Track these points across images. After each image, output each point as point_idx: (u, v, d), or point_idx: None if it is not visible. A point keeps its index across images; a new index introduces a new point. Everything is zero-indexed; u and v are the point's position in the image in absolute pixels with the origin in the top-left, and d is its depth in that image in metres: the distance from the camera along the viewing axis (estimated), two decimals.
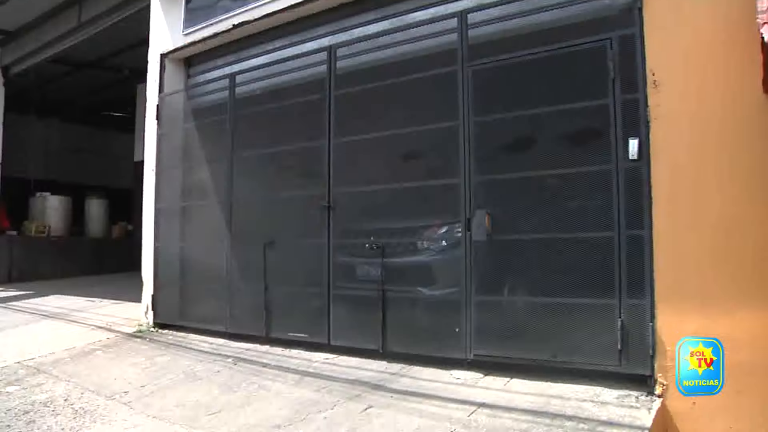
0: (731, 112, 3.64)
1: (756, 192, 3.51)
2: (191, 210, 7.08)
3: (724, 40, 3.68)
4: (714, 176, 3.68)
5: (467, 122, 4.67)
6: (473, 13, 4.84)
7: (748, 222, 3.54)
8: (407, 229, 5.24)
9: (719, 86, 3.68)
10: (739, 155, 3.59)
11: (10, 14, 10.54)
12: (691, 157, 3.76)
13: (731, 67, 3.63)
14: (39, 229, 13.09)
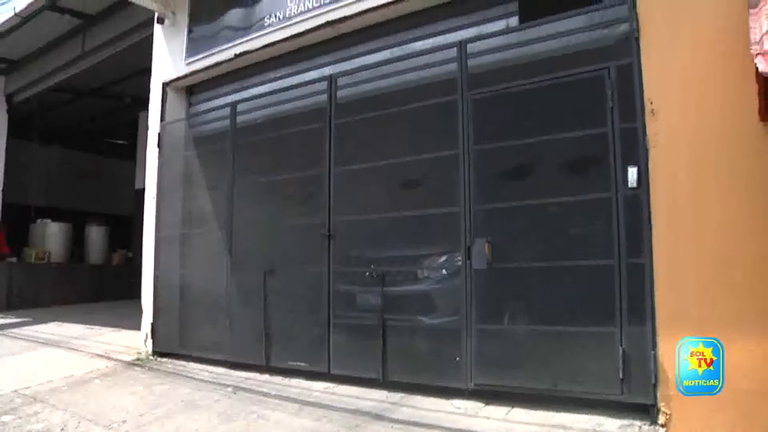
0: (729, 141, 3.66)
1: (756, 219, 3.52)
2: (191, 237, 7.08)
3: (720, 70, 3.71)
4: (713, 204, 3.69)
5: (467, 151, 4.70)
6: (473, 43, 4.90)
7: (748, 249, 3.53)
8: (407, 257, 5.24)
9: (716, 115, 3.71)
10: (737, 183, 3.61)
11: (15, 44, 10.66)
12: (690, 185, 3.77)
13: (728, 96, 3.66)
14: (39, 255, 13.07)
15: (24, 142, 13.70)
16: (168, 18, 7.42)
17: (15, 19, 9.66)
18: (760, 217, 3.50)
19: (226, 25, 6.77)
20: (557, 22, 4.51)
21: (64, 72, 10.68)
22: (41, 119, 13.95)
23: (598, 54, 4.32)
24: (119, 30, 9.16)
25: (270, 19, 6.22)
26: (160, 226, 7.24)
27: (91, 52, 9.91)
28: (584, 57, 4.36)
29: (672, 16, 3.93)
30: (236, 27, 6.64)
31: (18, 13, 9.52)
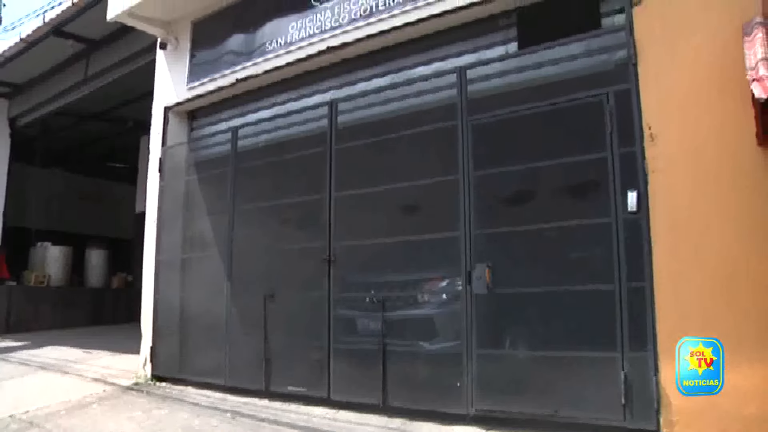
0: (727, 164, 3.68)
1: (756, 242, 3.53)
2: (192, 261, 7.08)
3: (717, 94, 3.75)
4: (713, 228, 3.70)
5: (467, 176, 4.72)
6: (473, 69, 4.95)
7: (749, 273, 3.53)
8: (408, 282, 5.24)
9: (714, 139, 3.74)
10: (736, 207, 3.63)
11: (20, 68, 10.79)
12: (690, 209, 3.78)
13: (725, 121, 3.70)
14: (38, 278, 13.04)
15: (26, 165, 13.75)
16: (171, 43, 7.50)
17: (20, 44, 9.82)
18: (760, 240, 3.51)
19: (228, 50, 6.83)
20: (556, 48, 4.56)
21: (67, 96, 10.80)
22: (43, 142, 14.03)
23: (596, 79, 4.36)
24: (122, 55, 9.27)
25: (272, 45, 6.28)
26: (160, 249, 7.23)
27: (95, 76, 10.03)
28: (583, 82, 4.40)
29: (669, 43, 3.98)
30: (238, 52, 6.71)
31: (23, 39, 9.68)
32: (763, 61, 3.19)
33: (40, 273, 13.13)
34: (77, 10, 8.71)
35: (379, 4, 5.43)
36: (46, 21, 9.12)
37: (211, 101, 7.20)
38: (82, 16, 8.83)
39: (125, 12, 7.12)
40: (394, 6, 5.33)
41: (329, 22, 5.79)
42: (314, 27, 5.91)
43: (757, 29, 3.45)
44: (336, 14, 5.75)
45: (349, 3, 5.67)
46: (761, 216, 3.52)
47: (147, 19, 7.37)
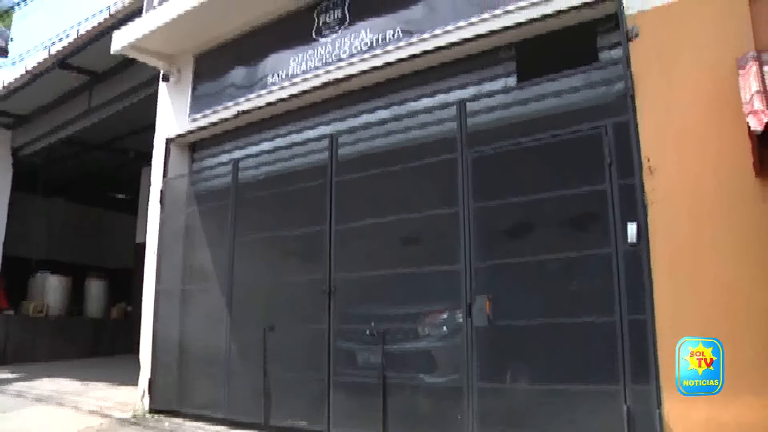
0: (726, 196, 3.69)
1: (755, 272, 3.52)
2: (191, 293, 7.06)
3: (714, 126, 3.78)
4: (713, 258, 3.69)
5: (467, 208, 4.73)
6: (472, 102, 5.00)
7: (749, 304, 3.52)
8: (408, 314, 5.22)
9: (712, 170, 3.76)
10: (735, 236, 3.63)
11: (24, 99, 10.91)
12: (690, 240, 3.78)
13: (723, 153, 3.72)
14: (37, 308, 12.96)
15: (27, 194, 13.79)
16: (173, 76, 7.58)
17: (25, 76, 9.95)
18: (759, 270, 3.51)
19: (230, 83, 6.90)
20: (555, 81, 4.61)
21: (70, 127, 10.89)
22: (45, 172, 14.10)
23: (595, 112, 4.40)
24: (125, 87, 9.37)
25: (273, 78, 6.34)
26: (160, 280, 7.21)
27: (98, 107, 10.12)
28: (582, 115, 4.43)
29: (666, 76, 4.02)
30: (239, 85, 6.78)
31: (29, 71, 9.80)
32: (757, 94, 3.23)
33: (39, 303, 13.07)
34: (82, 43, 8.85)
35: (380, 39, 5.51)
36: (52, 53, 9.25)
37: (212, 133, 7.25)
38: (87, 49, 8.96)
39: (129, 45, 7.20)
40: (394, 40, 5.41)
41: (330, 55, 5.87)
42: (315, 60, 5.99)
43: (751, 63, 3.51)
44: (337, 48, 5.83)
45: (349, 37, 5.75)
46: (760, 246, 3.52)
47: (150, 52, 7.45)
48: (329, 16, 6.00)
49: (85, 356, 12.57)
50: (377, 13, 5.63)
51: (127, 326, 12.63)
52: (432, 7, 5.27)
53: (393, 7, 5.52)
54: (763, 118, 3.04)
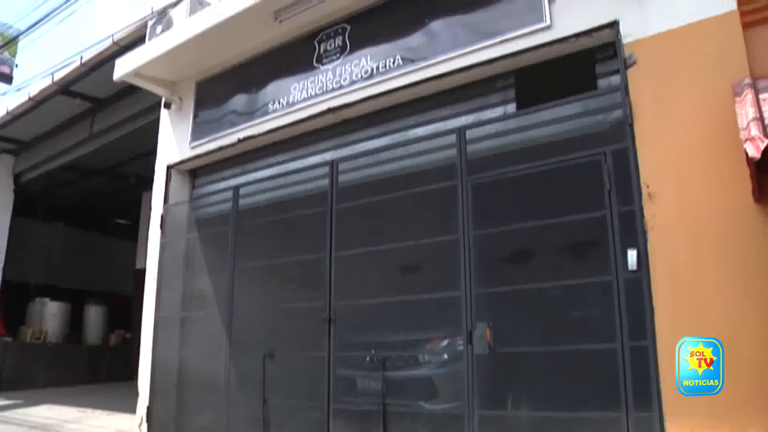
0: (725, 221, 3.70)
1: (755, 298, 3.51)
2: (191, 319, 7.02)
3: (712, 153, 3.80)
4: (713, 284, 3.69)
5: (467, 235, 4.73)
6: (471, 130, 5.03)
7: (748, 330, 3.50)
8: (408, 342, 5.21)
9: (711, 196, 3.78)
10: (736, 263, 3.63)
11: (27, 126, 11.00)
12: (690, 267, 3.78)
13: (722, 179, 3.74)
14: (35, 335, 12.89)
15: (27, 219, 13.81)
16: (175, 103, 7.62)
17: (28, 102, 10.04)
18: (759, 296, 3.50)
19: (231, 110, 6.94)
20: (554, 108, 4.64)
21: (72, 153, 10.95)
22: (46, 198, 14.13)
23: (594, 139, 4.42)
24: (127, 113, 9.43)
25: (274, 105, 6.39)
26: (159, 307, 7.17)
27: (99, 134, 10.19)
28: (581, 142, 4.46)
29: (664, 103, 4.06)
30: (240, 112, 6.82)
31: (32, 98, 9.90)
32: (754, 121, 3.25)
33: (37, 329, 12.99)
34: (85, 70, 8.95)
35: (380, 66, 5.56)
36: (55, 80, 9.35)
37: (213, 160, 7.28)
38: (90, 76, 9.05)
39: (132, 72, 7.25)
40: (395, 68, 5.46)
41: (331, 83, 5.91)
42: (316, 88, 6.03)
43: (746, 90, 3.54)
44: (337, 75, 5.88)
45: (350, 65, 5.81)
46: (760, 272, 3.51)
47: (152, 79, 7.50)
48: (330, 44, 6.06)
49: (83, 383, 12.46)
50: (377, 41, 5.69)
51: (125, 353, 12.55)
52: (432, 35, 5.33)
53: (393, 35, 5.58)
54: (761, 144, 3.06)
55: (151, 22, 7.52)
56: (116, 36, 8.34)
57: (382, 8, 5.77)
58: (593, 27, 4.47)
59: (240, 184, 6.73)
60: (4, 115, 10.58)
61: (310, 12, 6.00)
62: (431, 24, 5.36)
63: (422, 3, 5.49)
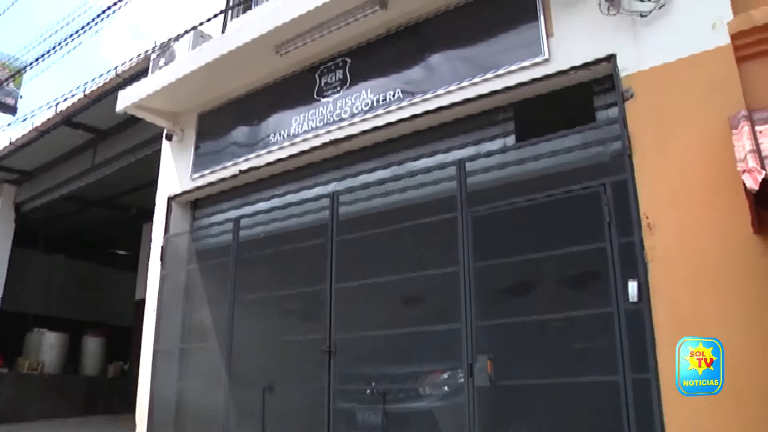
0: (725, 253, 3.71)
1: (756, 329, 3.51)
2: (190, 351, 6.98)
3: (710, 184, 3.83)
4: (714, 315, 3.68)
5: (467, 267, 4.73)
6: (471, 162, 5.07)
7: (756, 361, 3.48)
8: (409, 374, 5.17)
9: (711, 227, 3.79)
10: (736, 293, 3.63)
11: (29, 156, 11.08)
12: (691, 297, 3.77)
13: (721, 210, 3.76)
14: (32, 366, 12.76)
15: (27, 250, 13.78)
16: (176, 135, 7.67)
17: (32, 133, 10.14)
18: (760, 327, 3.49)
19: (232, 141, 7.00)
20: (553, 140, 4.67)
21: (73, 183, 11.01)
22: (47, 228, 14.14)
23: (593, 170, 4.45)
24: (129, 145, 9.52)
25: (275, 137, 6.44)
26: (159, 338, 7.13)
27: (101, 164, 10.26)
28: (580, 174, 4.49)
29: (661, 135, 4.10)
30: (242, 144, 6.87)
31: (35, 128, 10.00)
32: (751, 153, 3.28)
33: (34, 360, 12.87)
34: (89, 102, 9.04)
35: (380, 99, 5.63)
36: (58, 111, 9.44)
37: (214, 191, 7.31)
38: (93, 107, 9.14)
39: (134, 104, 7.33)
40: (395, 101, 5.52)
41: (331, 115, 5.97)
42: (317, 120, 6.09)
43: (743, 122, 3.57)
44: (338, 108, 5.94)
45: (350, 97, 5.87)
46: (761, 303, 3.51)
47: (155, 111, 7.58)
48: (331, 77, 6.14)
49: (79, 415, 12.30)
50: (377, 74, 5.77)
51: (123, 384, 12.40)
52: (431, 69, 5.41)
53: (393, 69, 5.66)
54: (758, 176, 3.08)
55: (154, 55, 7.61)
56: (119, 68, 8.44)
57: (382, 42, 5.85)
58: (591, 60, 4.53)
59: (241, 216, 6.76)
60: (8, 146, 10.68)
61: (311, 45, 6.08)
62: (431, 57, 5.44)
63: (422, 37, 5.58)
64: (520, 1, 4.99)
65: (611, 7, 4.45)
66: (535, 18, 4.85)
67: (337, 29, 5.81)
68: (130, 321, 13.05)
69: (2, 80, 14.13)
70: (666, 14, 4.24)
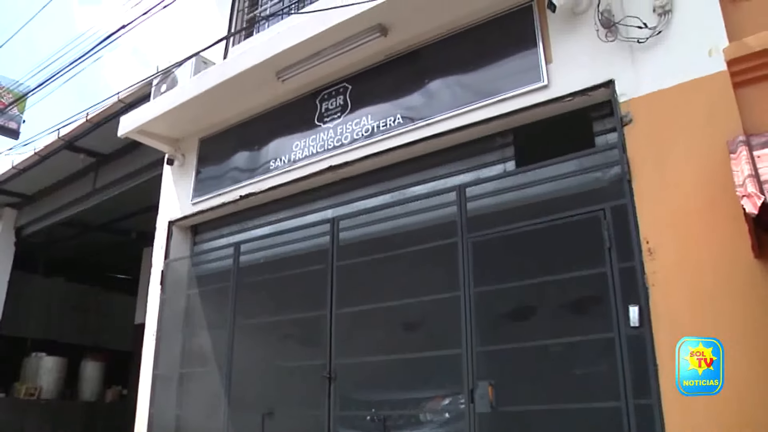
0: (726, 277, 3.71)
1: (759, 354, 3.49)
2: (189, 377, 6.92)
3: (710, 208, 3.84)
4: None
5: (468, 293, 4.72)
6: (471, 187, 5.09)
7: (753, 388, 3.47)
8: (409, 400, 5.12)
9: (712, 253, 3.79)
10: (737, 318, 3.62)
11: (31, 180, 11.14)
12: (692, 322, 3.75)
13: (721, 235, 3.76)
14: (29, 391, 12.65)
15: (27, 273, 13.76)
16: (177, 160, 7.71)
17: (34, 157, 10.20)
18: (763, 350, 3.48)
19: (233, 167, 7.02)
20: (552, 166, 4.70)
21: (74, 207, 11.03)
22: (47, 251, 14.13)
23: (593, 195, 4.47)
24: (130, 169, 9.56)
25: (275, 163, 6.46)
26: (158, 363, 7.09)
27: (102, 189, 10.29)
28: (580, 199, 4.50)
29: (661, 159, 4.12)
30: (242, 169, 6.89)
31: (37, 152, 10.06)
32: (750, 178, 3.28)
33: (31, 385, 12.77)
34: (91, 126, 9.11)
35: (380, 125, 5.66)
36: (61, 136, 9.50)
37: (214, 216, 7.32)
38: (95, 132, 9.20)
39: (136, 129, 7.37)
40: (395, 127, 5.55)
41: (332, 141, 6.00)
42: (317, 146, 6.12)
43: (741, 147, 3.60)
44: (338, 134, 5.97)
45: (351, 123, 5.91)
46: (762, 328, 3.50)
47: (156, 136, 7.62)
48: (331, 103, 6.18)
49: None
50: (378, 100, 5.81)
51: (122, 410, 12.26)
52: (431, 95, 5.45)
53: (393, 95, 5.71)
54: (757, 201, 3.08)
55: (156, 80, 7.67)
56: (122, 94, 8.51)
57: (382, 68, 5.91)
58: (589, 86, 4.58)
59: (241, 241, 6.76)
60: (9, 170, 10.73)
61: (312, 72, 6.14)
62: (431, 84, 5.49)
63: (422, 63, 5.64)
64: (519, 28, 5.04)
65: (609, 34, 4.51)
66: (534, 44, 4.91)
67: (337, 56, 5.88)
68: (129, 345, 12.96)
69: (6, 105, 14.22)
70: (663, 41, 4.29)
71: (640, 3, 4.41)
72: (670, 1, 4.29)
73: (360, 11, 5.30)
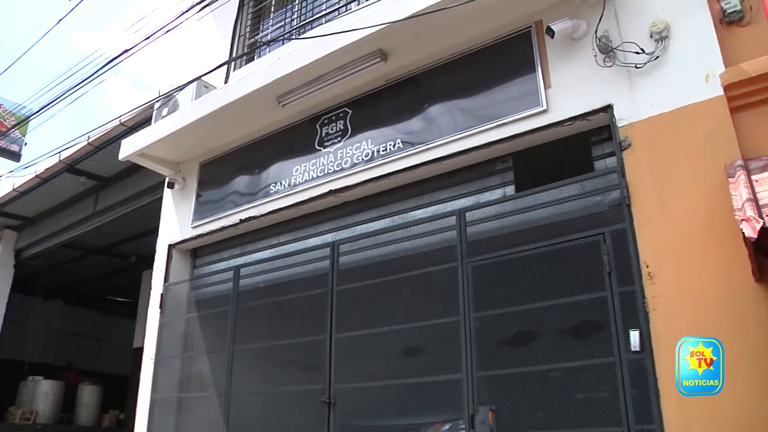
0: (726, 302, 3.70)
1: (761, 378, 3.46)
2: (188, 401, 6.88)
3: (710, 232, 3.85)
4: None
5: (468, 317, 4.71)
6: (471, 212, 5.10)
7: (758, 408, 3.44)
8: (409, 426, 5.07)
9: (712, 275, 3.79)
10: (738, 342, 3.58)
11: (31, 203, 11.18)
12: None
13: (721, 258, 3.76)
14: (24, 415, 12.55)
15: (26, 296, 13.74)
16: (178, 183, 7.72)
17: (35, 180, 10.23)
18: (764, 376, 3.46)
19: (233, 190, 7.04)
20: (552, 190, 4.72)
21: (74, 230, 11.05)
22: (46, 274, 14.10)
23: (593, 220, 4.47)
24: (130, 192, 9.61)
25: (276, 187, 6.48)
26: (156, 388, 7.02)
27: (102, 212, 10.33)
28: (580, 223, 4.50)
29: (660, 183, 4.14)
30: (243, 193, 6.91)
31: (38, 175, 10.10)
32: (748, 202, 3.29)
33: (27, 410, 12.67)
34: (92, 149, 9.15)
35: (380, 149, 5.69)
36: (62, 159, 9.54)
37: (214, 240, 7.32)
38: (96, 155, 9.25)
39: (137, 152, 7.39)
40: (395, 151, 5.58)
41: (332, 165, 6.03)
42: (317, 170, 6.14)
43: (739, 171, 3.61)
44: (339, 158, 6.00)
45: (351, 147, 5.94)
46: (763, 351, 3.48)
47: (157, 160, 7.65)
48: (332, 128, 6.22)
49: None
50: (378, 124, 5.85)
51: None
52: (431, 119, 5.49)
53: (393, 119, 5.74)
54: (756, 225, 3.09)
55: (158, 104, 7.72)
56: (123, 117, 8.56)
57: (382, 93, 5.96)
58: (588, 111, 4.61)
59: (241, 265, 6.76)
60: (10, 192, 10.78)
61: (313, 96, 6.18)
62: (430, 108, 5.53)
63: (422, 88, 5.68)
64: (518, 54, 5.10)
65: (607, 59, 4.56)
66: (532, 69, 4.95)
67: (337, 81, 5.93)
68: (127, 369, 12.88)
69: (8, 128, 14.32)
70: (660, 66, 4.34)
71: (637, 29, 4.47)
72: (666, 27, 4.35)
73: (361, 37, 5.36)
